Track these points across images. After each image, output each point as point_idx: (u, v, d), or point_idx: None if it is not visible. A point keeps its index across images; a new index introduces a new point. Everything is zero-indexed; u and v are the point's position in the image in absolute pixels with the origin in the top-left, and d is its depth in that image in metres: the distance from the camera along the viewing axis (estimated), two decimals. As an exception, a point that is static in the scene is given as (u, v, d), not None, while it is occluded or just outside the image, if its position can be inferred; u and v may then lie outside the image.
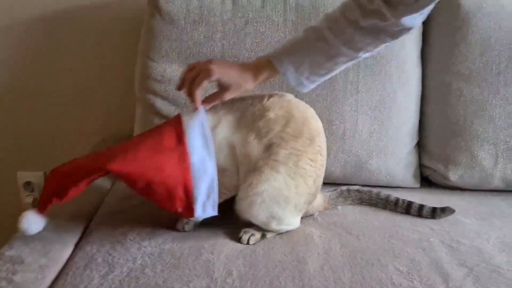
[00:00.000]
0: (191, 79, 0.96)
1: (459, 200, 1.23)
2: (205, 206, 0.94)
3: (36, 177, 1.67)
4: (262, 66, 0.99)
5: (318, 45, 0.96)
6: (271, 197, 0.96)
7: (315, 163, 0.99)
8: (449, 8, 1.29)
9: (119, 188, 1.24)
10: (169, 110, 1.27)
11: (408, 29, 0.94)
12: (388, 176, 1.28)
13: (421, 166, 1.35)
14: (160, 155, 0.93)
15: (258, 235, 1.00)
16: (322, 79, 1.01)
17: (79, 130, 1.62)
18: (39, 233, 0.95)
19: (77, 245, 0.99)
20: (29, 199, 1.68)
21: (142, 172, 0.91)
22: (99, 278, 0.86)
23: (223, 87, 0.98)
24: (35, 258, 0.91)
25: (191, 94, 0.96)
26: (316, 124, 1.02)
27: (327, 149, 1.09)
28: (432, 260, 0.95)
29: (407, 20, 0.90)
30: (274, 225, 1.00)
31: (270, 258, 0.94)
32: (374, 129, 1.26)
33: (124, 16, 1.51)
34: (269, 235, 1.01)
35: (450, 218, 1.12)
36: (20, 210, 0.98)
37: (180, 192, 0.92)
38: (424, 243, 1.01)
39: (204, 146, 0.95)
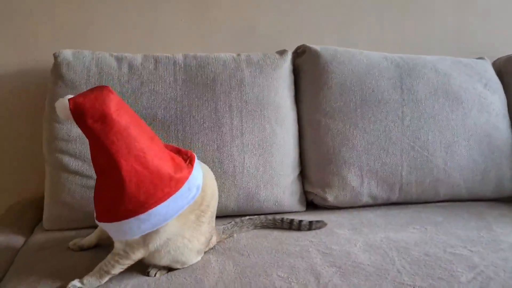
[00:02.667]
0: None
1: (336, 217, 1.45)
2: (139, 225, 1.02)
3: None
4: None
5: None
6: (176, 249, 1.09)
7: (211, 227, 1.17)
8: (311, 59, 1.58)
9: (33, 242, 1.33)
10: (76, 165, 1.38)
11: None
12: (276, 204, 1.48)
13: (305, 192, 1.57)
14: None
15: (164, 270, 1.13)
16: None
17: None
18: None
19: (-10, 296, 1.07)
20: None
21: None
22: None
23: None
24: None
25: None
26: (215, 196, 1.19)
27: (221, 186, 1.28)
28: (308, 265, 1.13)
29: None
30: (178, 266, 1.13)
31: (172, 282, 1.07)
32: (260, 164, 1.46)
33: (25, 87, 1.64)
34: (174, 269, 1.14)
35: (327, 231, 1.33)
36: None
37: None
38: (303, 253, 1.20)
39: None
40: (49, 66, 1.47)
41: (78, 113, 0.95)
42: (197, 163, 1.13)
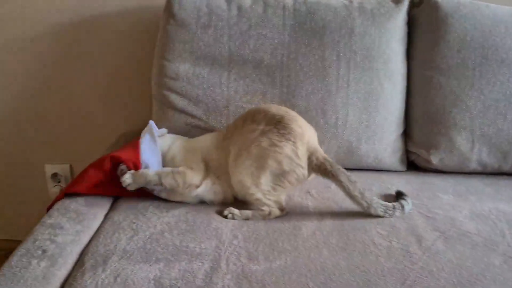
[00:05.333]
0: None
1: (439, 181, 1.38)
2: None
3: (62, 169, 1.86)
4: None
5: None
6: (255, 158, 1.15)
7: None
8: (430, 10, 1.45)
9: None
10: (182, 104, 1.43)
11: None
12: (376, 160, 1.44)
13: (407, 151, 1.50)
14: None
15: (236, 212, 1.15)
16: None
17: (101, 126, 1.81)
18: (74, 207, 1.14)
19: (106, 216, 1.16)
20: (56, 189, 1.86)
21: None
22: (126, 240, 1.03)
23: None
24: (71, 225, 1.08)
25: None
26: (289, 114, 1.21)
27: (322, 136, 1.27)
28: (409, 226, 1.10)
29: None
30: (253, 189, 1.15)
31: (270, 226, 1.10)
32: (363, 118, 1.41)
33: (140, 23, 1.68)
34: (250, 215, 1.15)
35: (429, 194, 1.27)
36: (47, 199, 1.14)
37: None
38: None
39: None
40: (163, 4, 1.49)
41: None
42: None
